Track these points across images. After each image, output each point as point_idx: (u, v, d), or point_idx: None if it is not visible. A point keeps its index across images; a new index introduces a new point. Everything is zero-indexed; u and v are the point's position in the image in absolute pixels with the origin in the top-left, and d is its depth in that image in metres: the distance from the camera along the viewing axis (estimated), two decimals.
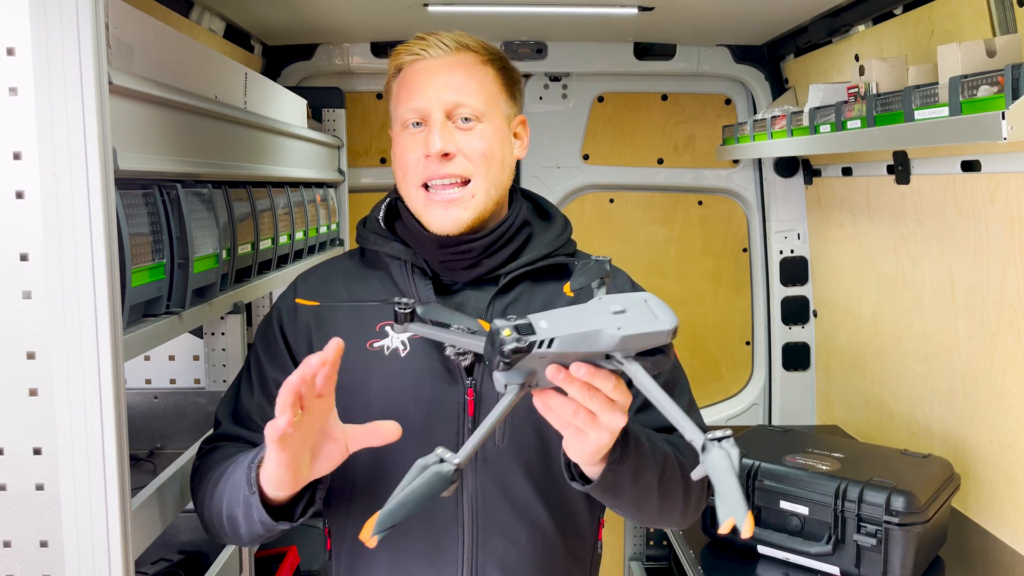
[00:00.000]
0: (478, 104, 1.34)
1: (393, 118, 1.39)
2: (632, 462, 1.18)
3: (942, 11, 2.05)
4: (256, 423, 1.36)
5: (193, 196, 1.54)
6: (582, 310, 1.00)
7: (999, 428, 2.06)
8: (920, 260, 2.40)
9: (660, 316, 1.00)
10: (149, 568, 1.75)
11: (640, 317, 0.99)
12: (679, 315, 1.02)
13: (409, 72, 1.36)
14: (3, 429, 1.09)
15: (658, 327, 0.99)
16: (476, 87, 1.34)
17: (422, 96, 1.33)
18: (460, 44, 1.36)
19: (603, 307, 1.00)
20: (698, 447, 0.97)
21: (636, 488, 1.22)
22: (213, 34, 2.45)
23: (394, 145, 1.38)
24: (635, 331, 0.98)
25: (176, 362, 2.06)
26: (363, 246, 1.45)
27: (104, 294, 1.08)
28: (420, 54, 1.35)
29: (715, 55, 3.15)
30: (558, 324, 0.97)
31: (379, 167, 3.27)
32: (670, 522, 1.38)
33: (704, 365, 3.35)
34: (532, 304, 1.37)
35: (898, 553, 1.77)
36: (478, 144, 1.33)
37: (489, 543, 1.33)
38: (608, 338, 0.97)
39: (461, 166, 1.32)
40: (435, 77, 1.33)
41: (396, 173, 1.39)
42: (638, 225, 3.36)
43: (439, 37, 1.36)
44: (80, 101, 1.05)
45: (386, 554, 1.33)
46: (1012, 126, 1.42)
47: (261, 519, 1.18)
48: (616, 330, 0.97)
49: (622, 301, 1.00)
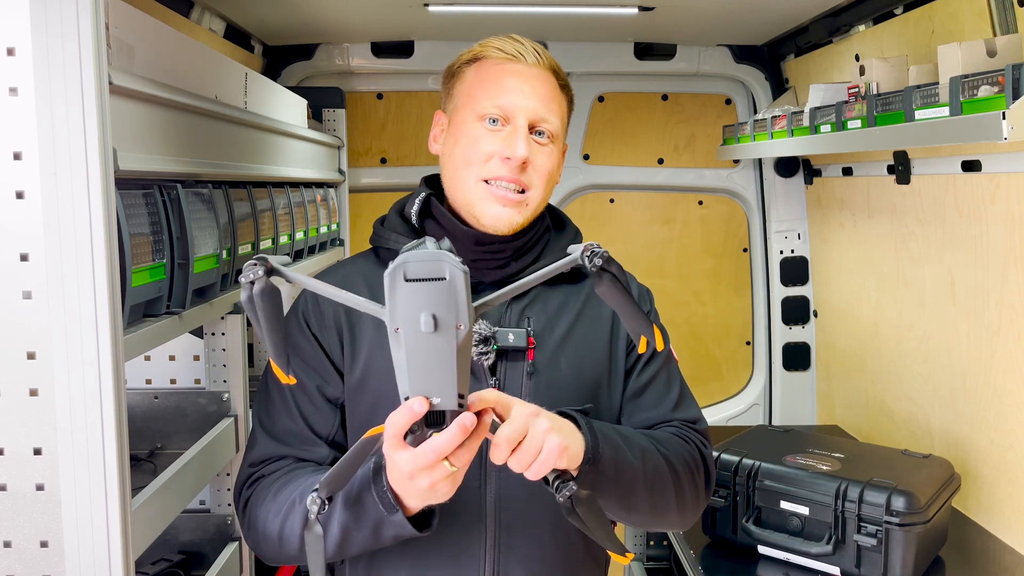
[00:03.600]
0: (556, 125, 1.37)
1: (461, 105, 1.37)
2: (608, 458, 1.20)
3: (942, 11, 2.05)
4: (300, 437, 1.35)
5: (193, 196, 1.54)
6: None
7: (999, 428, 2.06)
8: (920, 260, 2.40)
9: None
10: (149, 568, 1.75)
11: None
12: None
13: (498, 68, 1.36)
14: (3, 429, 1.09)
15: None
16: (556, 108, 1.37)
17: (512, 97, 1.33)
18: (548, 62, 1.38)
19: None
20: (578, 256, 1.01)
21: (619, 486, 1.23)
22: (213, 34, 2.45)
23: (461, 131, 1.36)
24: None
25: (176, 362, 2.06)
26: (381, 246, 1.43)
27: (104, 294, 1.08)
28: (515, 56, 1.36)
29: (715, 55, 3.15)
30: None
31: (379, 167, 3.27)
32: (667, 520, 1.37)
33: (704, 365, 3.35)
34: (548, 306, 1.39)
35: (898, 553, 1.77)
36: (546, 162, 1.36)
37: (512, 542, 1.34)
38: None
39: (529, 177, 1.34)
40: (526, 83, 1.34)
41: (455, 159, 1.37)
42: (638, 225, 3.36)
43: (534, 46, 1.38)
44: (80, 101, 1.05)
45: (408, 554, 1.33)
46: (1012, 126, 1.42)
47: (399, 534, 1.16)
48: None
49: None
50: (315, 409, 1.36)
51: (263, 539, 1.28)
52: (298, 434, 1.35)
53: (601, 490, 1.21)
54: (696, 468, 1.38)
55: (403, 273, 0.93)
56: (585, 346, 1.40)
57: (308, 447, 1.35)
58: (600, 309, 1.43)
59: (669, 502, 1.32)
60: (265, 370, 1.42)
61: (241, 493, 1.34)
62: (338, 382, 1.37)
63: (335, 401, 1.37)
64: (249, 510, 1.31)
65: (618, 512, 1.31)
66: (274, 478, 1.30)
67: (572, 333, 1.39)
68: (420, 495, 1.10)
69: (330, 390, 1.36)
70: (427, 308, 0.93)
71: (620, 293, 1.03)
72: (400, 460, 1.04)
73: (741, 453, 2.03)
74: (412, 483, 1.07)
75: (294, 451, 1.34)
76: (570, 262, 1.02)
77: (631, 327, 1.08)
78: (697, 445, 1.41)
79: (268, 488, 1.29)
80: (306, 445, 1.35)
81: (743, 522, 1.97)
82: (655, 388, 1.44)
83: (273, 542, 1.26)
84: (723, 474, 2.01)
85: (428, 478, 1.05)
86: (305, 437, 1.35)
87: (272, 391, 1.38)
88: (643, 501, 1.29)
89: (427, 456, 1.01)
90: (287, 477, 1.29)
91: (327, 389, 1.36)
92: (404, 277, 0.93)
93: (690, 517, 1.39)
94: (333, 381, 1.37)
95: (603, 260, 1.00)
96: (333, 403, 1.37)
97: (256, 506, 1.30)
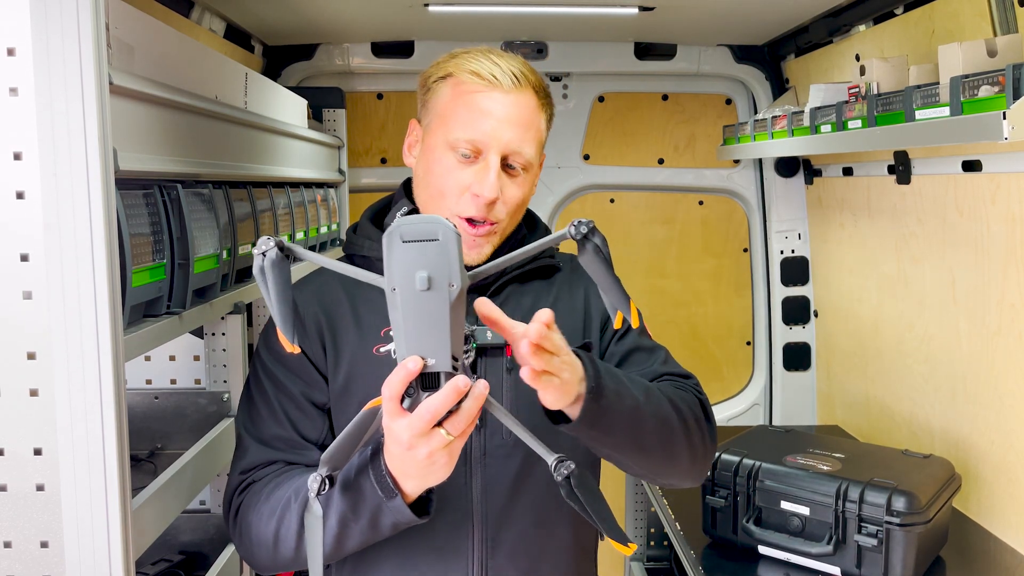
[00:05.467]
0: (531, 155, 1.33)
1: (435, 126, 1.35)
2: (611, 389, 1.18)
3: (943, 11, 2.05)
4: (289, 443, 1.34)
5: (193, 196, 1.54)
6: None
7: (1000, 428, 2.06)
8: (921, 260, 2.40)
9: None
10: (149, 568, 1.75)
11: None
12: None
13: (473, 95, 1.31)
14: (4, 429, 1.09)
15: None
16: (532, 136, 1.33)
17: (484, 130, 1.29)
18: (528, 80, 1.33)
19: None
20: (566, 230, 1.04)
21: (626, 420, 1.21)
22: (213, 34, 2.45)
23: (433, 157, 1.34)
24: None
25: (177, 362, 2.06)
26: (356, 253, 1.43)
27: (104, 294, 1.08)
28: (491, 81, 1.31)
29: (716, 55, 3.15)
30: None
31: (379, 167, 3.27)
32: (680, 466, 1.33)
33: (705, 365, 3.34)
34: (522, 303, 1.39)
35: (899, 553, 1.77)
36: (517, 193, 1.34)
37: (499, 536, 1.34)
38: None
39: (498, 212, 1.33)
40: (501, 112, 1.30)
41: (429, 187, 1.35)
42: (639, 225, 3.36)
43: (511, 66, 1.32)
44: (80, 101, 1.05)
45: (395, 550, 1.33)
46: (1013, 126, 1.41)
47: (398, 521, 1.16)
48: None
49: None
50: (303, 414, 1.35)
51: (256, 544, 1.27)
52: (287, 439, 1.34)
53: (609, 424, 1.19)
54: (699, 412, 1.35)
55: (399, 235, 0.99)
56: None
57: (298, 451, 1.34)
58: (572, 299, 1.44)
59: (679, 442, 1.29)
60: (247, 379, 1.41)
61: (232, 501, 1.33)
62: (324, 387, 1.37)
63: (322, 406, 1.37)
64: (241, 517, 1.30)
65: (632, 454, 1.27)
66: (264, 483, 1.30)
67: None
68: (418, 470, 1.09)
69: (316, 395, 1.36)
70: (422, 267, 0.98)
71: (601, 263, 1.05)
72: (398, 428, 1.04)
73: (741, 453, 2.03)
74: (411, 455, 1.06)
75: (284, 456, 1.34)
76: (560, 236, 1.06)
77: (608, 300, 1.09)
78: (694, 393, 1.38)
79: (259, 493, 1.28)
80: (296, 449, 1.34)
81: (743, 522, 1.97)
82: (638, 355, 1.43)
83: (267, 546, 1.25)
84: (723, 474, 2.01)
85: (426, 446, 1.04)
86: (294, 442, 1.34)
87: (257, 399, 1.37)
88: (652, 440, 1.26)
89: (423, 418, 1.02)
90: (278, 480, 1.28)
91: (313, 394, 1.36)
92: (400, 239, 0.99)
93: (700, 463, 1.35)
94: (318, 386, 1.36)
95: (588, 229, 1.04)
96: (320, 408, 1.37)
97: (248, 512, 1.28)
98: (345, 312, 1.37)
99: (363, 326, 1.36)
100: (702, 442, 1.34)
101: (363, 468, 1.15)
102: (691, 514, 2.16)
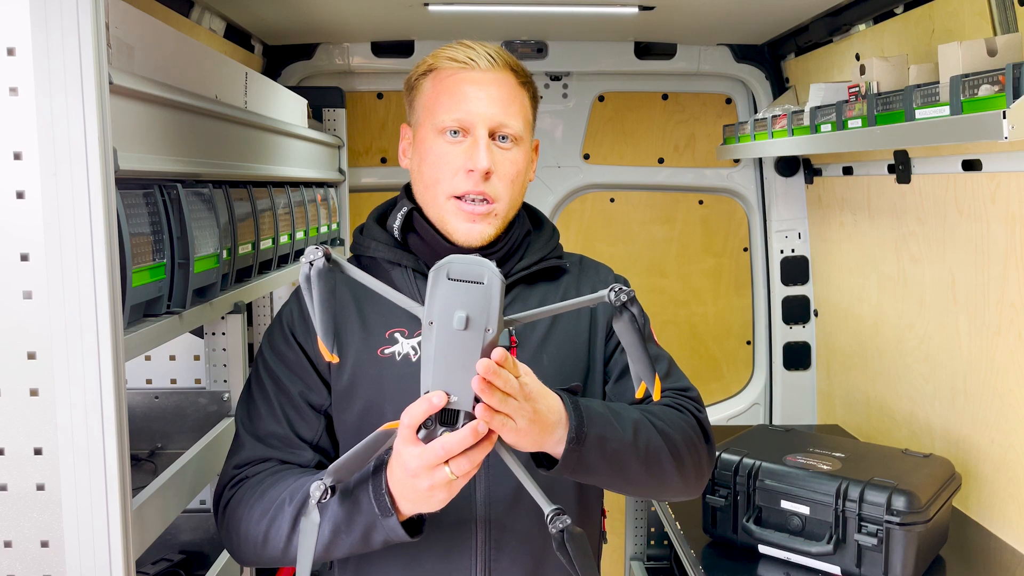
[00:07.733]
0: (518, 127, 1.35)
1: (423, 119, 1.37)
2: (594, 435, 1.19)
3: (943, 10, 2.05)
4: (285, 440, 1.36)
5: (193, 196, 1.54)
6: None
7: (1000, 427, 2.06)
8: (921, 259, 2.40)
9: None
10: (150, 568, 1.75)
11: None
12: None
13: (453, 79, 1.34)
14: (4, 429, 1.09)
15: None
16: (517, 109, 1.35)
17: (468, 108, 1.32)
18: (504, 61, 1.36)
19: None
20: (606, 293, 1.06)
21: (610, 462, 1.22)
22: (213, 34, 2.45)
23: (425, 147, 1.36)
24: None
25: (177, 362, 2.07)
26: (362, 254, 1.44)
27: (104, 294, 1.08)
28: (468, 63, 1.34)
29: (716, 54, 3.15)
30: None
31: (379, 167, 3.27)
32: (670, 490, 1.35)
33: (705, 365, 3.35)
34: (528, 305, 1.39)
35: (899, 553, 1.77)
36: (511, 167, 1.35)
37: (502, 540, 1.34)
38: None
39: (494, 186, 1.34)
40: (481, 90, 1.33)
41: (424, 177, 1.37)
42: (639, 225, 3.36)
43: (486, 49, 1.35)
44: (80, 101, 1.05)
45: (400, 553, 1.33)
46: (1013, 125, 1.41)
47: (390, 538, 1.18)
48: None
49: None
50: (299, 415, 1.37)
51: (244, 540, 1.28)
52: (282, 437, 1.36)
53: (590, 468, 1.21)
54: (695, 436, 1.36)
55: (447, 271, 1.01)
56: (567, 342, 1.40)
57: (293, 450, 1.35)
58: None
59: (669, 474, 1.31)
60: (249, 375, 1.43)
61: (223, 494, 1.34)
62: (323, 390, 1.38)
63: (319, 408, 1.38)
64: (230, 511, 1.31)
65: (619, 486, 1.30)
66: (259, 479, 1.31)
67: (553, 330, 1.40)
68: (416, 498, 1.12)
69: (314, 397, 1.37)
70: (462, 307, 1.01)
71: (635, 333, 1.07)
72: (408, 455, 1.06)
73: (742, 453, 2.03)
74: (412, 482, 1.08)
75: (279, 454, 1.35)
76: (598, 298, 1.09)
77: (635, 370, 1.11)
78: (692, 412, 1.39)
79: (253, 489, 1.29)
80: (291, 448, 1.35)
81: (744, 522, 1.97)
82: None
83: (255, 542, 1.26)
84: (723, 474, 2.01)
85: (429, 479, 1.07)
86: (289, 440, 1.36)
87: (257, 396, 1.39)
88: (640, 475, 1.28)
89: (435, 452, 1.04)
90: (273, 478, 1.29)
91: (311, 396, 1.37)
92: (447, 275, 1.01)
93: (695, 485, 1.37)
94: (317, 389, 1.37)
95: (628, 298, 1.06)
96: (317, 410, 1.38)
97: (239, 507, 1.29)
98: (351, 313, 1.38)
99: (368, 327, 1.37)
100: (695, 465, 1.35)
101: (363, 482, 1.17)
102: (691, 513, 2.16)
